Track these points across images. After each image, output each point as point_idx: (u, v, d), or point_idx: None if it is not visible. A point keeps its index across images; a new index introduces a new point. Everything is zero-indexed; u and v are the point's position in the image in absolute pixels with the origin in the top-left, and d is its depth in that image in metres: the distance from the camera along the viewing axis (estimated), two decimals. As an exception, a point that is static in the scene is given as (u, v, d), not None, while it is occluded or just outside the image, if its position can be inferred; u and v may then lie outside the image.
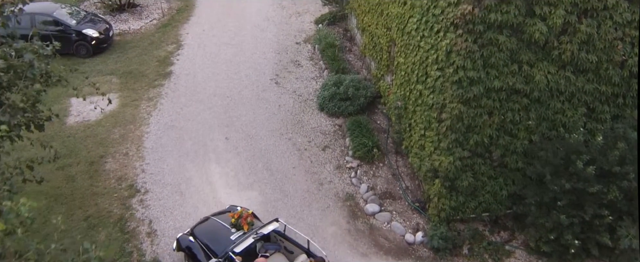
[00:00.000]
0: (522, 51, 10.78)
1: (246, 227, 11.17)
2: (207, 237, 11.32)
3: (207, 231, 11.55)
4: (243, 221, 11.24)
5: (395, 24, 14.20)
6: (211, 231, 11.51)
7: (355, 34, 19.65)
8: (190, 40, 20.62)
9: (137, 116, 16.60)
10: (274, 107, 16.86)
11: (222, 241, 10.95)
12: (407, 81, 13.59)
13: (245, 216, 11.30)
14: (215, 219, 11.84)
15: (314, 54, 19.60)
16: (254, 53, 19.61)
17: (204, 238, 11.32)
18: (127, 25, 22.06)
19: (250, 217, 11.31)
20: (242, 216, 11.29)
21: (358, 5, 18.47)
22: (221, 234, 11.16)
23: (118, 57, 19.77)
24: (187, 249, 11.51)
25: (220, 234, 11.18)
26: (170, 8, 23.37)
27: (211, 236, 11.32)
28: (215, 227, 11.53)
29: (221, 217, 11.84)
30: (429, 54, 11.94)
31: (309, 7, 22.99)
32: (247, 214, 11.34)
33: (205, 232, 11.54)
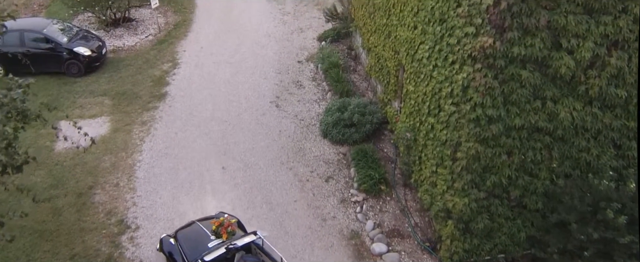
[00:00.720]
0: (546, 86, 9.85)
1: (225, 236, 11.01)
2: (186, 241, 11.25)
3: (188, 235, 11.46)
4: (223, 229, 11.08)
5: (405, 48, 13.30)
6: (192, 235, 11.41)
7: (360, 53, 18.75)
8: (187, 58, 19.73)
9: (129, 142, 15.69)
10: (275, 132, 15.94)
11: (199, 247, 10.85)
12: (417, 111, 12.67)
13: (226, 224, 11.11)
14: (200, 224, 11.66)
15: (316, 73, 18.70)
16: (253, 73, 18.71)
17: (184, 242, 11.25)
18: (122, 41, 21.18)
19: (232, 227, 11.13)
20: (223, 224, 11.12)
21: (363, 23, 17.58)
22: (200, 240, 11.08)
23: (111, 76, 18.87)
24: (168, 252, 11.48)
25: (199, 240, 11.11)
26: (167, 23, 22.49)
27: (190, 241, 11.24)
28: (197, 232, 11.42)
29: (205, 223, 11.64)
30: (442, 86, 11.03)
31: (312, 22, 22.12)
32: (229, 222, 11.15)
33: (186, 236, 11.47)
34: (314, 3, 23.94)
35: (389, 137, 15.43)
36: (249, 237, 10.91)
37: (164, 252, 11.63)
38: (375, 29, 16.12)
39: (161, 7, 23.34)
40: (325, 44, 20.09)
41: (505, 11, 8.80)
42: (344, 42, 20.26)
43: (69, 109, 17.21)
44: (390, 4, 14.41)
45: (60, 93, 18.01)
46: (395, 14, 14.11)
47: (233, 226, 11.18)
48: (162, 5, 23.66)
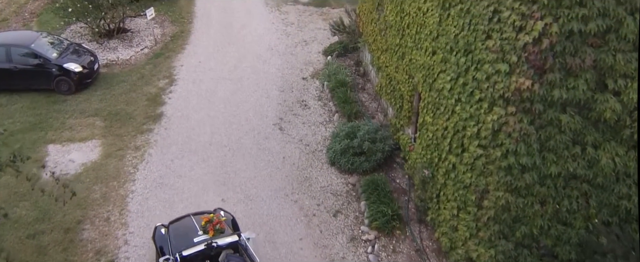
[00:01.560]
0: (587, 131, 8.73)
1: (211, 233, 11.00)
2: (175, 233, 11.36)
3: (178, 228, 11.54)
4: (211, 226, 11.10)
5: (421, 75, 12.17)
6: (182, 228, 11.47)
7: (369, 70, 17.62)
8: (184, 74, 18.59)
9: (121, 170, 14.57)
10: (278, 159, 14.83)
11: (184, 241, 10.92)
12: (435, 145, 11.56)
13: (215, 221, 11.16)
14: (193, 218, 11.65)
15: (322, 92, 17.57)
16: (255, 91, 17.58)
17: (173, 233, 11.37)
18: (116, 54, 20.02)
19: (221, 224, 11.17)
20: (211, 221, 11.15)
21: (373, 40, 16.43)
22: (187, 234, 11.13)
23: (103, 94, 17.74)
24: (157, 242, 11.49)
25: (186, 234, 11.16)
26: (163, 34, 21.34)
27: (179, 233, 11.32)
28: (187, 226, 11.45)
29: (198, 218, 11.56)
30: (466, 124, 9.91)
31: (317, 34, 20.98)
32: (218, 220, 11.20)
33: (176, 228, 11.56)
34: (319, 13, 22.81)
35: (401, 165, 14.32)
36: (231, 238, 10.87)
37: (154, 241, 11.63)
38: (387, 48, 14.99)
39: (158, 17, 22.19)
40: (332, 58, 18.96)
41: (547, 50, 7.67)
42: (351, 56, 19.14)
43: (58, 131, 16.12)
44: (404, 23, 13.28)
45: (49, 113, 16.89)
46: (409, 35, 12.98)
47: (222, 224, 11.18)
48: (159, 15, 22.51)
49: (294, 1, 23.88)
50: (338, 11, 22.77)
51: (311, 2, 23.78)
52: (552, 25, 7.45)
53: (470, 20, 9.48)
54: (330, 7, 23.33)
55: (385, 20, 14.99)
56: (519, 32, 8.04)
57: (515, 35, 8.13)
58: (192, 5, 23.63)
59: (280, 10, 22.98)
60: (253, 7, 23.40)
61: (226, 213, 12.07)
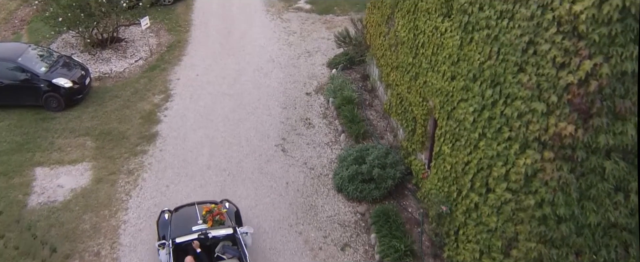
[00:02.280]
0: (631, 177, 7.75)
1: (210, 223, 11.20)
2: (177, 220, 11.58)
3: (181, 214, 11.77)
4: (210, 216, 11.28)
5: (438, 100, 11.20)
6: (184, 215, 11.68)
7: (377, 86, 16.64)
8: (181, 89, 17.60)
9: (113, 197, 13.61)
10: (281, 185, 13.87)
11: (183, 228, 11.13)
12: (453, 179, 10.61)
13: (215, 212, 11.33)
14: (197, 207, 11.84)
15: (327, 109, 16.59)
16: (256, 107, 16.60)
17: (175, 219, 11.62)
18: (109, 66, 19.03)
19: (221, 216, 11.36)
20: (212, 212, 11.34)
21: (381, 54, 15.45)
22: (188, 222, 11.32)
23: (95, 110, 16.75)
24: (160, 226, 11.70)
25: (187, 221, 11.35)
26: (159, 44, 20.32)
27: (180, 220, 11.54)
28: (190, 214, 11.64)
29: (202, 207, 11.73)
30: (492, 163, 8.95)
31: (320, 45, 19.98)
32: (219, 211, 11.40)
33: (180, 214, 11.80)
34: (322, 21, 21.80)
35: (413, 192, 13.37)
36: (226, 231, 11.02)
37: (157, 225, 11.86)
38: (397, 65, 14.01)
39: (153, 26, 21.18)
40: (337, 72, 17.97)
41: (595, 93, 6.70)
42: (357, 69, 18.16)
43: (46, 152, 15.15)
44: (418, 42, 12.30)
45: (37, 131, 15.91)
46: (424, 55, 12.00)
47: (222, 216, 11.38)
48: (155, 23, 21.51)
49: (296, 8, 22.88)
50: (343, 19, 21.78)
51: (314, 9, 22.78)
52: (602, 65, 6.49)
53: (498, 48, 8.50)
54: (335, 15, 22.32)
55: (395, 35, 14.01)
56: (560, 69, 7.07)
57: (555, 73, 7.15)
58: (189, 13, 22.62)
59: (281, 18, 21.98)
60: (253, 14, 22.39)
61: (231, 205, 12.33)
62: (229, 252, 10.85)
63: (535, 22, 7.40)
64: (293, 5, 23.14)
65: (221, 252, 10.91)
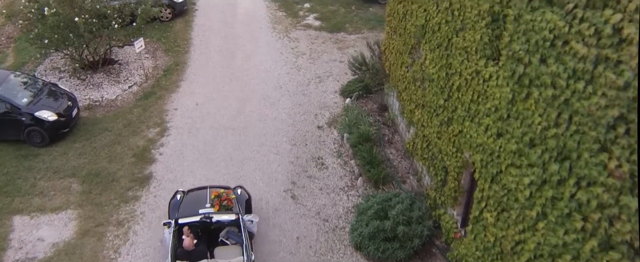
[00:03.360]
0: None
1: (216, 208, 11.33)
2: (187, 201, 11.77)
3: (192, 196, 11.95)
4: (218, 201, 11.42)
5: (479, 158, 9.55)
6: (195, 197, 11.85)
7: (398, 121, 14.97)
8: (178, 121, 15.96)
9: (99, 255, 12.00)
10: (290, 240, 12.24)
11: (190, 210, 11.35)
12: (499, 255, 8.97)
13: (223, 197, 11.49)
14: (209, 190, 11.96)
15: (342, 146, 14.96)
16: (262, 144, 14.97)
17: (185, 200, 11.82)
18: (100, 92, 17.41)
19: (229, 201, 11.49)
20: (220, 197, 11.47)
21: (404, 87, 13.81)
22: (196, 204, 11.49)
23: (83, 146, 15.14)
24: (171, 206, 11.93)
25: (196, 203, 11.54)
26: (155, 67, 18.69)
27: (190, 201, 11.74)
28: (201, 197, 11.78)
29: (213, 191, 11.89)
30: (556, 253, 7.29)
31: (332, 68, 18.35)
32: (227, 197, 11.54)
33: (191, 196, 11.97)
34: (333, 40, 20.15)
35: (442, 251, 11.73)
36: (228, 216, 11.16)
37: (169, 205, 12.08)
38: (424, 104, 12.37)
39: (150, 45, 19.56)
40: (351, 102, 16.33)
41: None
42: (374, 98, 16.54)
43: (26, 197, 13.57)
44: (452, 83, 10.65)
45: (17, 171, 14.31)
46: (460, 101, 10.36)
47: (230, 201, 11.49)
48: (151, 42, 19.89)
49: (304, 25, 21.23)
50: (355, 38, 20.14)
51: (324, 26, 21.13)
52: None
53: (570, 116, 6.84)
54: (346, 33, 20.67)
55: (422, 70, 12.36)
56: (669, 163, 5.41)
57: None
58: (189, 30, 20.99)
59: (289, 37, 20.32)
60: (258, 32, 20.75)
61: (244, 192, 12.37)
62: (233, 238, 11.07)
63: (631, 95, 5.73)
64: (301, 22, 21.49)
65: (225, 237, 11.16)
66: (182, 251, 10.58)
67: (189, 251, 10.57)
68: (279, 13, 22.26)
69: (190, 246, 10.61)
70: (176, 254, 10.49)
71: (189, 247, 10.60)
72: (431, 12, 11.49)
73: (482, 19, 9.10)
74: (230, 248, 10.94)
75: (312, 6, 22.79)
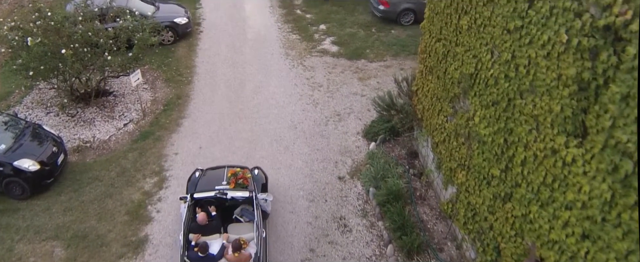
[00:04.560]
0: None
1: (232, 185, 11.56)
2: (205, 179, 12.12)
3: (210, 174, 12.27)
4: (234, 179, 11.68)
5: (553, 258, 7.63)
6: (212, 175, 12.15)
7: (434, 176, 13.07)
8: (179, 169, 14.13)
9: None
10: None
11: (207, 186, 11.62)
12: None
13: (239, 176, 11.77)
14: (226, 169, 12.24)
15: (367, 202, 13.09)
16: (276, 200, 13.07)
17: (203, 177, 12.19)
18: (92, 130, 15.63)
19: (245, 180, 11.71)
20: (236, 175, 11.78)
21: (441, 140, 11.92)
22: (213, 181, 11.79)
23: (69, 199, 13.34)
24: (190, 182, 12.25)
25: (213, 180, 11.84)
26: (154, 100, 16.89)
27: (207, 178, 12.09)
28: (218, 175, 12.06)
29: (230, 169, 12.20)
30: None
31: (353, 103, 16.48)
32: (243, 176, 11.81)
33: (209, 174, 12.30)
34: (353, 69, 18.30)
35: None
36: (242, 193, 11.35)
37: (188, 181, 12.40)
38: (470, 167, 10.47)
39: (149, 74, 17.80)
40: (376, 146, 14.48)
41: None
42: (401, 142, 14.66)
43: (0, 264, 11.75)
44: (513, 155, 8.76)
45: (-7, 231, 12.52)
46: (524, 178, 8.46)
47: (246, 180, 11.72)
48: (151, 71, 18.12)
49: (320, 51, 19.39)
50: (377, 67, 18.29)
51: (342, 52, 19.28)
52: None
53: None
54: (367, 60, 18.81)
55: (468, 125, 10.47)
56: None
57: None
58: (192, 56, 19.20)
59: (304, 65, 18.48)
60: (270, 59, 18.93)
61: (261, 173, 12.66)
62: (247, 216, 11.36)
63: None
64: (317, 47, 19.65)
65: (239, 214, 11.47)
66: (195, 225, 10.79)
67: (202, 225, 10.75)
68: (292, 36, 20.44)
69: (204, 221, 10.75)
70: (190, 228, 10.75)
71: (203, 221, 10.74)
72: (484, 61, 9.60)
73: (565, 87, 7.19)
74: (244, 225, 11.20)
75: (329, 28, 20.96)
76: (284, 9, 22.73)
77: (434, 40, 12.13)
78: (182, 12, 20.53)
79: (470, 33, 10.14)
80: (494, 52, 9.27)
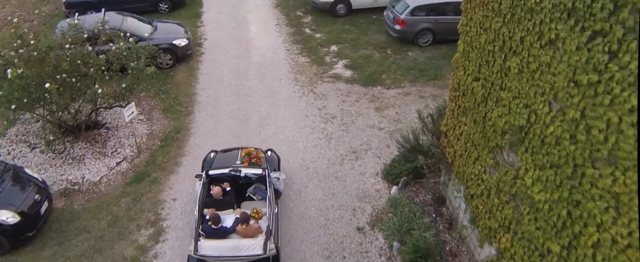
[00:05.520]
0: None
1: (246, 164, 12.08)
2: (219, 159, 12.71)
3: (224, 155, 12.85)
4: (248, 158, 12.23)
5: None
6: (227, 156, 12.72)
7: (467, 231, 11.57)
8: (178, 218, 12.67)
9: None
10: None
11: (221, 164, 12.26)
12: None
13: (253, 155, 12.34)
14: (240, 150, 12.73)
15: (390, 258, 11.63)
16: (287, 257, 11.61)
17: (217, 158, 12.78)
18: (81, 170, 14.21)
19: (258, 160, 12.25)
20: (250, 154, 12.35)
21: (479, 193, 10.44)
22: (228, 160, 12.40)
23: (54, 254, 11.89)
24: (205, 163, 12.91)
25: (227, 159, 12.44)
26: (150, 134, 15.46)
27: (222, 158, 12.68)
28: (232, 155, 12.64)
29: (243, 150, 12.74)
30: None
31: (370, 138, 15.04)
32: (256, 155, 12.37)
33: (223, 155, 12.88)
34: (368, 97, 16.87)
35: None
36: (255, 170, 11.83)
37: (203, 162, 13.03)
38: (519, 233, 8.99)
39: (145, 102, 16.41)
40: (398, 191, 13.02)
41: None
42: (426, 185, 13.15)
43: None
44: (581, 232, 7.29)
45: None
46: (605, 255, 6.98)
47: (259, 160, 12.29)
48: (147, 98, 16.73)
49: (332, 76, 17.95)
50: (396, 95, 16.86)
51: (356, 78, 17.85)
52: None
53: None
54: (384, 87, 17.37)
55: (515, 184, 8.99)
56: None
57: None
58: (193, 82, 17.78)
59: (315, 93, 17.03)
60: (278, 85, 17.49)
61: (274, 154, 13.24)
62: (260, 194, 11.82)
63: None
64: (328, 72, 18.22)
65: (252, 193, 11.91)
66: (210, 200, 11.24)
67: (217, 200, 11.17)
68: (301, 59, 19.02)
69: (219, 195, 11.19)
70: (205, 203, 11.19)
71: (218, 196, 11.19)
72: (540, 114, 8.13)
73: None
74: (257, 203, 11.64)
75: (341, 50, 19.54)
76: (292, 27, 21.31)
77: (469, 78, 10.67)
78: (181, 32, 19.13)
79: (520, 78, 8.68)
80: (553, 104, 7.81)
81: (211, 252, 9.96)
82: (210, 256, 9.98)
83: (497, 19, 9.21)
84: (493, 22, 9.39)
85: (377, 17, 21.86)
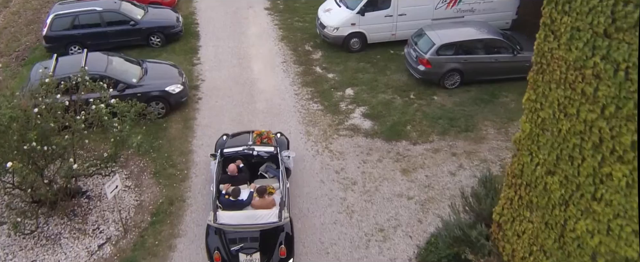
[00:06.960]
0: None
1: (258, 143, 13.08)
2: (232, 140, 13.65)
3: (237, 137, 13.86)
4: (259, 138, 13.25)
5: None
6: (239, 137, 13.77)
7: None
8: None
9: None
10: None
11: (234, 144, 13.17)
12: None
13: (264, 136, 13.37)
14: (251, 133, 13.71)
15: None
16: None
17: (231, 138, 13.80)
18: (56, 255, 12.08)
19: (269, 140, 13.31)
20: (261, 135, 13.38)
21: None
22: (241, 141, 13.44)
23: None
24: (217, 145, 13.73)
25: (240, 140, 13.48)
26: (139, 207, 13.27)
27: (236, 139, 13.67)
28: (244, 137, 13.70)
29: (255, 132, 13.80)
30: None
31: (398, 210, 13.01)
32: (267, 136, 13.42)
33: (236, 137, 13.88)
34: (393, 156, 14.76)
35: None
36: (267, 148, 12.85)
37: (216, 145, 13.92)
38: None
39: (133, 162, 14.33)
40: (439, 286, 10.83)
41: None
42: (472, 277, 10.97)
43: None
44: None
45: None
46: None
47: (270, 140, 13.35)
48: (136, 157, 14.62)
49: (350, 129, 15.81)
50: (423, 152, 14.76)
51: (377, 130, 15.72)
52: None
53: None
54: (410, 142, 15.24)
55: None
56: None
57: None
58: (189, 136, 15.62)
59: (330, 150, 14.87)
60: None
61: (283, 137, 14.15)
62: (271, 172, 12.62)
63: None
64: (345, 123, 16.07)
65: (264, 171, 12.70)
66: (225, 176, 12.07)
67: (232, 176, 11.99)
68: (312, 105, 16.87)
69: (234, 171, 12.01)
70: (220, 180, 11.95)
71: (233, 172, 12.01)
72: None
73: None
74: (268, 181, 12.34)
75: (357, 94, 17.42)
76: (300, 66, 19.18)
77: (541, 169, 8.54)
78: (175, 75, 17.00)
79: (629, 194, 6.56)
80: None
81: (229, 221, 10.78)
82: (228, 224, 10.77)
83: (591, 107, 7.08)
84: (583, 109, 7.27)
85: (395, 52, 19.77)
